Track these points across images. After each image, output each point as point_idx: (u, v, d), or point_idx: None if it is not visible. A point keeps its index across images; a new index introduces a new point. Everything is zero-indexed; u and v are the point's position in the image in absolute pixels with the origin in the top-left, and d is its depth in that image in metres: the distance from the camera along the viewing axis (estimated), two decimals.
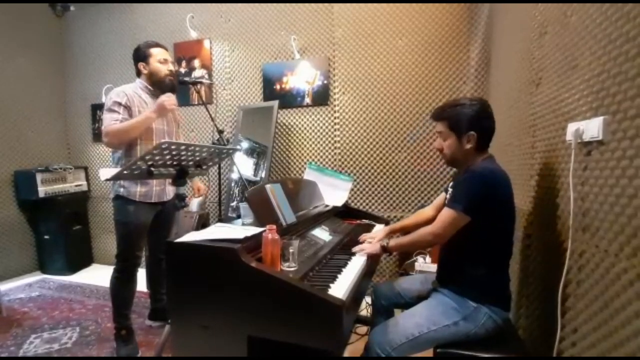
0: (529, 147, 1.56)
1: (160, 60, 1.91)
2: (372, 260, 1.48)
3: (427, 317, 1.24)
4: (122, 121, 1.79)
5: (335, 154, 2.86)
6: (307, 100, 2.87)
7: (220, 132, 2.07)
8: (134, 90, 1.88)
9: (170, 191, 2.02)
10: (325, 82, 2.80)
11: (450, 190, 1.40)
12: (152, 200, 1.92)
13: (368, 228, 2.00)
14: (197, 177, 2.21)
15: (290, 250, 1.15)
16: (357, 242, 1.59)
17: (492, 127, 1.30)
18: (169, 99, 1.79)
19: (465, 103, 1.29)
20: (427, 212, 1.64)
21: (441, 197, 1.60)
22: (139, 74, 1.94)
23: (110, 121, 1.78)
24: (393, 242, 1.42)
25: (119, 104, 1.79)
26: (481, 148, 1.30)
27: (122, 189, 1.86)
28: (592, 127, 0.99)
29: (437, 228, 1.25)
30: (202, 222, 2.73)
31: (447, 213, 1.24)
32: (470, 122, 1.26)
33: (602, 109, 0.97)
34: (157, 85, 1.93)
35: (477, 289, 1.24)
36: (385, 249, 1.42)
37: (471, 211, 1.20)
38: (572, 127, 1.10)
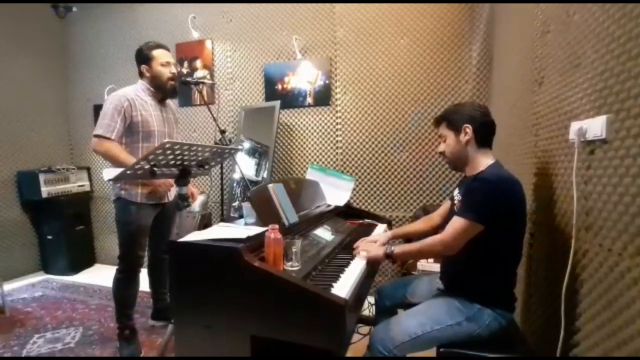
0: (531, 146, 1.55)
1: (163, 63, 1.91)
2: (372, 265, 1.43)
3: (431, 317, 1.23)
4: (118, 133, 1.79)
5: (337, 154, 2.86)
6: (309, 100, 2.87)
7: (223, 132, 2.07)
8: (135, 92, 1.89)
9: (171, 193, 2.03)
10: (327, 82, 2.80)
11: (457, 197, 1.37)
12: (152, 202, 1.93)
13: (370, 228, 2.00)
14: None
15: (293, 250, 1.15)
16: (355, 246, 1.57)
17: (488, 121, 1.29)
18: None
19: (461, 103, 1.37)
20: (434, 219, 1.61)
21: (446, 205, 1.56)
22: (141, 75, 1.95)
23: (107, 130, 1.78)
24: (398, 249, 1.33)
25: (119, 112, 1.80)
26: (481, 144, 1.29)
27: (123, 192, 1.86)
28: (595, 126, 0.99)
29: (447, 237, 1.20)
30: (205, 222, 2.74)
31: (458, 222, 1.18)
32: (464, 116, 1.29)
33: (605, 107, 0.97)
34: (159, 89, 1.94)
35: (482, 292, 1.24)
36: (388, 257, 1.34)
37: (485, 220, 1.16)
38: (575, 126, 1.10)
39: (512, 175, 1.24)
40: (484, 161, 1.28)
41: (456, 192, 1.41)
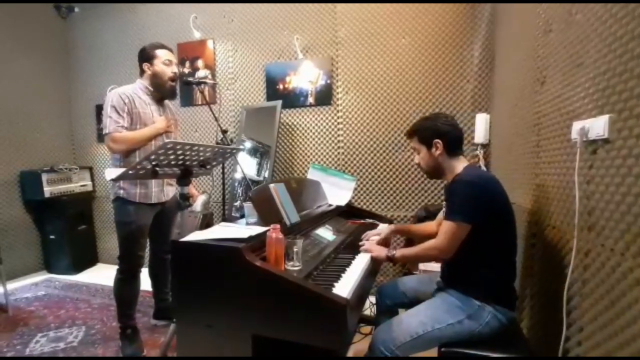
0: (533, 145, 1.55)
1: (165, 62, 1.91)
2: (374, 263, 1.47)
3: (432, 316, 1.24)
4: (129, 127, 1.81)
5: (338, 153, 2.86)
6: (310, 100, 2.87)
7: (224, 132, 2.08)
8: (133, 91, 1.89)
9: (169, 192, 2.04)
10: (328, 81, 2.80)
11: (444, 203, 1.41)
12: (151, 201, 1.93)
13: (371, 227, 2.00)
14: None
15: (294, 250, 1.16)
16: (361, 243, 1.59)
17: (454, 132, 1.37)
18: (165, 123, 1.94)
19: (429, 117, 1.44)
20: (432, 225, 1.66)
21: (442, 214, 1.60)
22: (142, 73, 1.95)
23: (115, 126, 1.78)
24: (399, 253, 1.40)
25: (122, 109, 1.80)
26: (452, 152, 1.37)
27: (121, 191, 1.86)
28: (597, 126, 0.99)
29: (440, 242, 1.26)
30: (206, 222, 2.74)
31: (447, 226, 1.25)
32: (433, 131, 1.37)
33: (607, 107, 0.96)
34: (159, 88, 1.93)
35: (482, 289, 1.24)
36: (390, 259, 1.41)
37: (470, 218, 1.21)
38: (577, 126, 1.10)
39: (487, 172, 1.34)
40: (459, 166, 1.36)
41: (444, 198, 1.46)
